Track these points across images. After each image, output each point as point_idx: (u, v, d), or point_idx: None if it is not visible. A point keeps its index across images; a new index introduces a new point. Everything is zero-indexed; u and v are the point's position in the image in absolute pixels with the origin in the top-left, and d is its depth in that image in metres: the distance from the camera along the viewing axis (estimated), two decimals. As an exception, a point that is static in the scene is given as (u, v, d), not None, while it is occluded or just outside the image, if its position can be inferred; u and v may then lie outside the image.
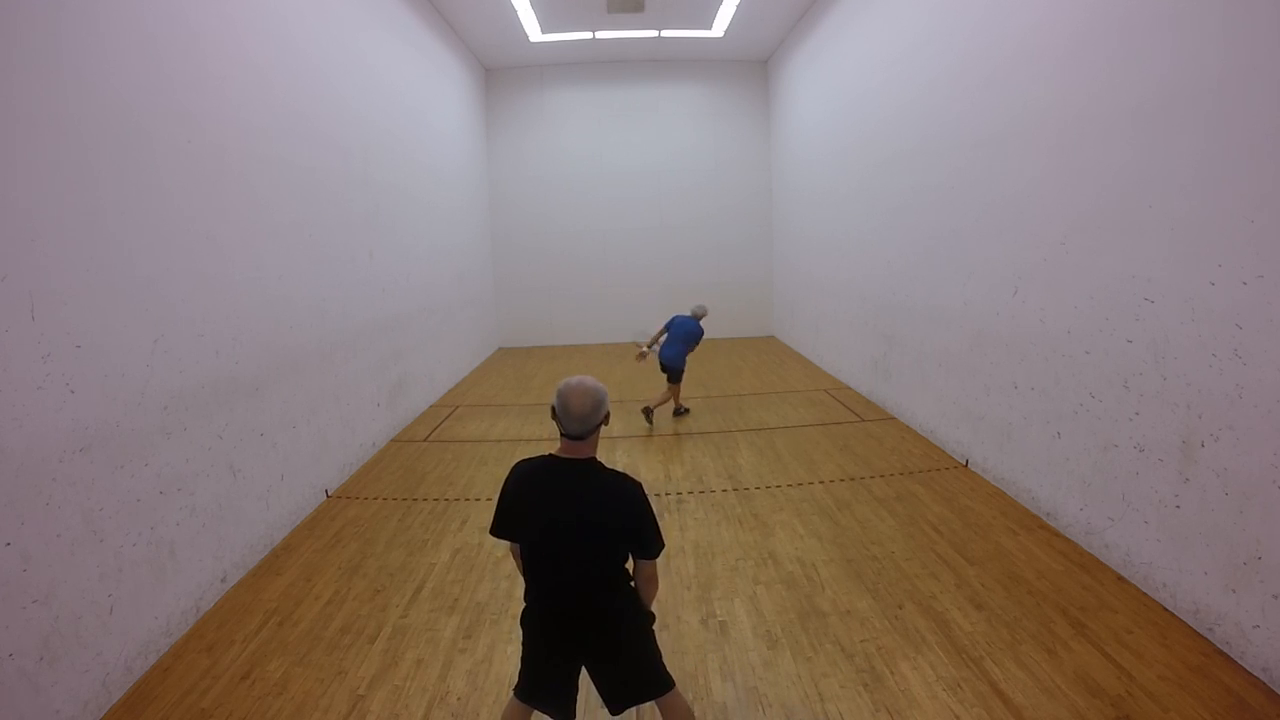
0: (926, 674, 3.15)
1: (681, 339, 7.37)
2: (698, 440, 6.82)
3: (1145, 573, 3.73)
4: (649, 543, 2.32)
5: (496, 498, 2.43)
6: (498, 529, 2.44)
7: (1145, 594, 3.70)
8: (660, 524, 2.16)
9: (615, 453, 6.54)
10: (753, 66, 12.91)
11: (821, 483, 5.57)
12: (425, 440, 7.17)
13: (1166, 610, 3.55)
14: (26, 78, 2.89)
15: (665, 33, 11.11)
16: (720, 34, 11.13)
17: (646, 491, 2.36)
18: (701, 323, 7.58)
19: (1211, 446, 3.29)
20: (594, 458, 2.33)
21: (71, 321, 3.05)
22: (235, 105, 4.51)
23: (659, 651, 2.52)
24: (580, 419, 2.23)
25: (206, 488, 4.00)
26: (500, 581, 4.16)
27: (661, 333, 7.58)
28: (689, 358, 7.59)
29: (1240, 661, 3.11)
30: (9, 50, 2.81)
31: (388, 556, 4.51)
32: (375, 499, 5.54)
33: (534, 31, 10.70)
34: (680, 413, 7.69)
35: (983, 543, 4.40)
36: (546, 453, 2.36)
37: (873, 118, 7.86)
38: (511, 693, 2.55)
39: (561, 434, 2.29)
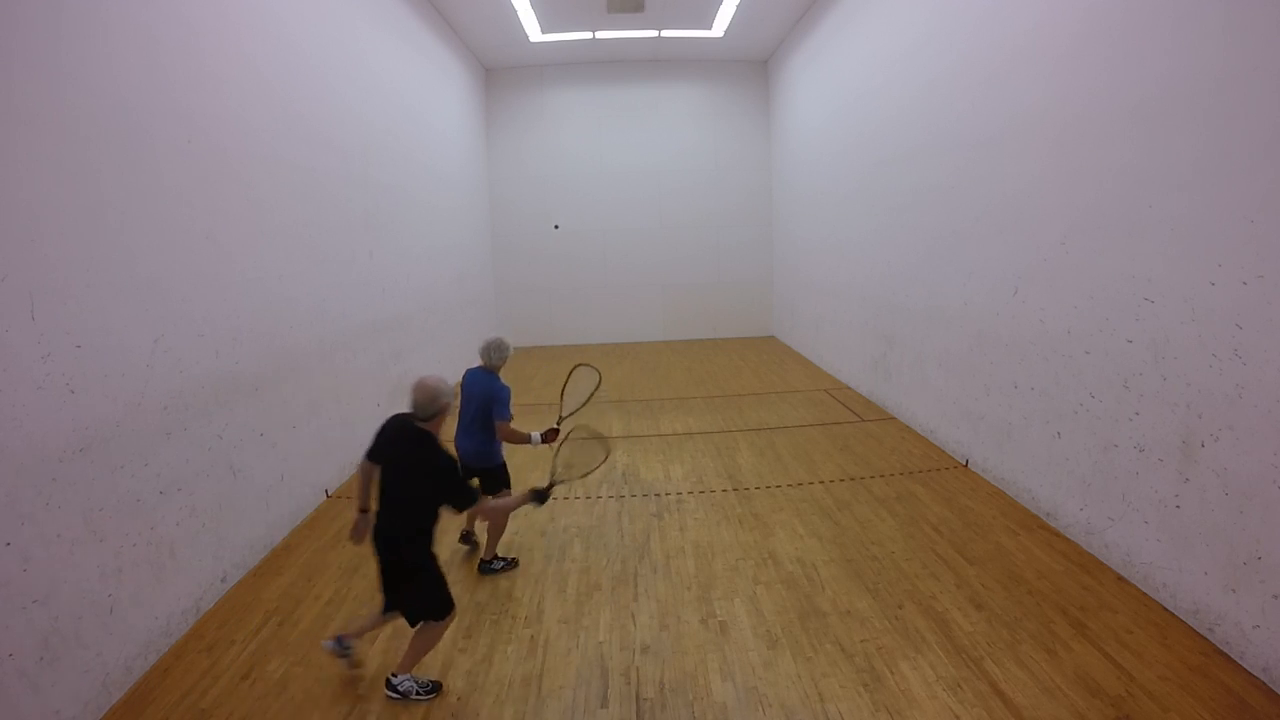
0: (926, 674, 3.15)
1: (478, 409, 4.19)
2: (698, 440, 6.82)
3: (1145, 573, 3.73)
4: None
5: None
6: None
7: (1145, 594, 3.70)
8: (660, 524, 2.18)
9: (615, 454, 6.53)
10: (753, 66, 12.91)
11: (821, 483, 5.57)
12: (425, 440, 7.16)
13: (1166, 610, 3.55)
14: (27, 77, 2.89)
15: (665, 33, 11.11)
16: (720, 34, 11.13)
17: (647, 489, 2.37)
18: (501, 374, 4.37)
19: (1211, 446, 3.29)
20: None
21: (71, 321, 3.05)
22: (235, 105, 4.51)
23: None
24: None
25: (206, 488, 4.00)
26: (500, 581, 4.16)
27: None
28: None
29: (1240, 661, 3.12)
30: (9, 50, 2.81)
31: (388, 556, 4.51)
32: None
33: (534, 31, 10.70)
34: (495, 566, 4.27)
35: (983, 543, 4.40)
36: None
37: (873, 118, 7.86)
38: None
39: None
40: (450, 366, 9.87)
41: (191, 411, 3.90)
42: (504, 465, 4.38)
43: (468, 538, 4.65)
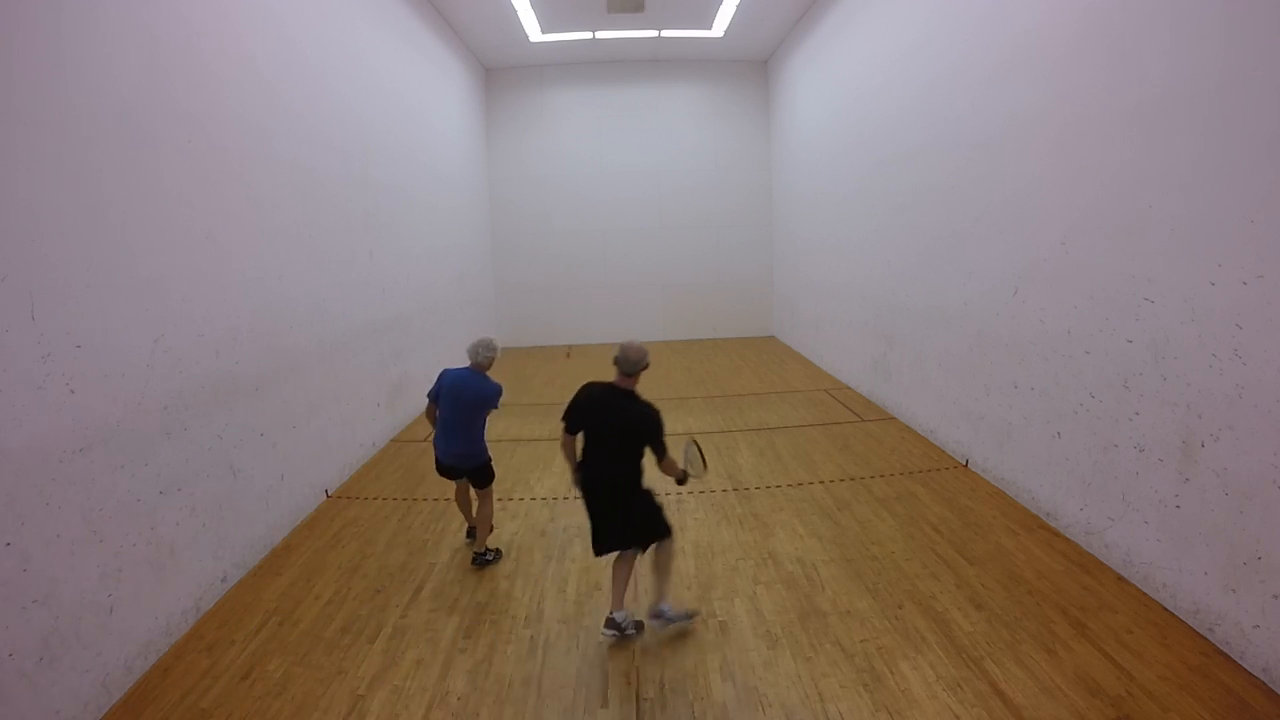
0: (926, 674, 3.15)
1: (468, 409, 4.24)
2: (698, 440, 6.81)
3: (1145, 573, 3.73)
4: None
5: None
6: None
7: (1145, 594, 3.70)
8: None
9: (615, 453, 6.53)
10: (753, 66, 12.91)
11: (821, 483, 5.56)
12: (425, 440, 7.15)
13: (1166, 610, 3.55)
14: (27, 77, 2.89)
15: (665, 33, 11.11)
16: (720, 34, 11.13)
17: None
18: (491, 373, 4.38)
19: (1211, 446, 3.29)
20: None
21: (71, 321, 3.05)
22: (235, 105, 4.51)
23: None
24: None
25: (206, 488, 4.00)
26: (500, 581, 4.16)
27: (432, 409, 4.39)
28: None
29: (1240, 661, 3.12)
30: (10, 50, 2.81)
31: (388, 556, 4.51)
32: (375, 499, 5.54)
33: (534, 31, 10.70)
34: (488, 557, 4.37)
35: (983, 543, 4.40)
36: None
37: (873, 118, 7.86)
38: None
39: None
40: (450, 366, 9.87)
41: (191, 411, 3.90)
42: (490, 459, 4.41)
43: (472, 532, 4.65)
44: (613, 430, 3.48)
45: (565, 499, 5.41)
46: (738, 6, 9.96)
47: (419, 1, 8.88)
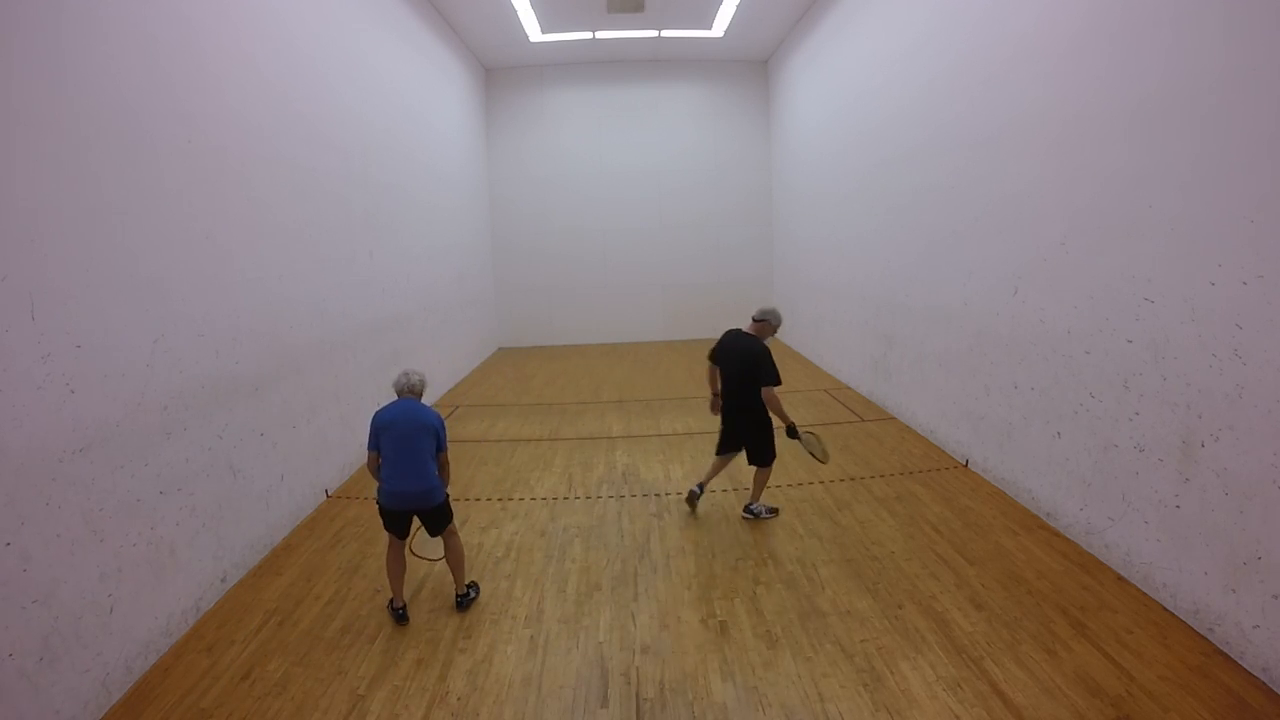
0: (926, 674, 3.15)
1: (415, 439, 3.70)
2: (698, 440, 6.81)
3: (1145, 573, 3.73)
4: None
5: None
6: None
7: (1145, 594, 3.70)
8: (660, 524, 2.22)
9: (615, 452, 6.53)
10: (753, 66, 12.91)
11: (821, 483, 5.56)
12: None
13: (1166, 610, 3.55)
14: (27, 78, 2.89)
15: (665, 33, 11.12)
16: (720, 34, 11.14)
17: (647, 489, 2.37)
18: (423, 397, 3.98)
19: (1211, 446, 3.29)
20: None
21: (71, 321, 3.05)
22: (235, 105, 4.51)
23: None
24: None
25: (206, 488, 4.00)
26: (500, 582, 4.16)
27: (375, 460, 3.79)
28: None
29: (1240, 661, 3.12)
30: (9, 50, 2.81)
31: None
32: (375, 498, 5.53)
33: (534, 31, 10.71)
34: (470, 595, 3.92)
35: (983, 543, 4.40)
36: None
37: (873, 118, 7.86)
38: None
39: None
40: (450, 366, 9.88)
41: (191, 411, 3.90)
42: (448, 496, 3.86)
43: (401, 612, 3.79)
44: (733, 359, 4.73)
45: (565, 499, 5.42)
46: (738, 6, 9.97)
47: (419, 1, 8.88)
